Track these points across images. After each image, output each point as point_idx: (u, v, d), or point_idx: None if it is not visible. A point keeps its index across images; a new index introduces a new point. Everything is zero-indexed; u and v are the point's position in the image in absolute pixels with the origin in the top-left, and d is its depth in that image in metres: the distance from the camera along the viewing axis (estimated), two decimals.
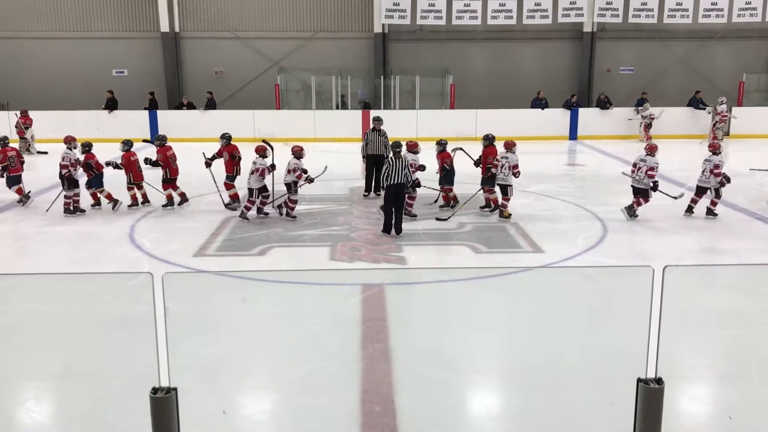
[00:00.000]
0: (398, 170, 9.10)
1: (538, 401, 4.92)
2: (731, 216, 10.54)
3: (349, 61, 22.29)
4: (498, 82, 22.72)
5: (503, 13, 21.55)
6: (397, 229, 9.28)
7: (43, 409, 4.97)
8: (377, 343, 5.76)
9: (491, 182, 10.50)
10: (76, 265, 8.19)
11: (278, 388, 5.22)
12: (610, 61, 23.19)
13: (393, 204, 9.21)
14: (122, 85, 21.80)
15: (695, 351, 5.79)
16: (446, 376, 5.25)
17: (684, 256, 8.54)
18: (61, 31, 22.27)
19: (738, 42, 22.89)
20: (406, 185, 9.29)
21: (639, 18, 21.78)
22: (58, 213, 10.70)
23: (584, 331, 6.14)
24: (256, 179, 10.09)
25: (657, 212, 10.66)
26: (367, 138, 12.33)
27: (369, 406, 4.69)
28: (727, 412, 4.76)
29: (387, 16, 21.54)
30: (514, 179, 10.25)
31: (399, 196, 9.23)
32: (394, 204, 9.21)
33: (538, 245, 8.95)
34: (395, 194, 9.16)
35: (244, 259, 8.47)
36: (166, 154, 11.14)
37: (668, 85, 22.58)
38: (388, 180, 9.09)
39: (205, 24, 22.41)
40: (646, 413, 3.19)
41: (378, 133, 12.18)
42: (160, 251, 8.73)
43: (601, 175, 14.61)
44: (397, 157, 9.23)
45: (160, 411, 3.14)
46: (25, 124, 18.22)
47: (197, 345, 5.66)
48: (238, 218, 10.21)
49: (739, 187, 12.79)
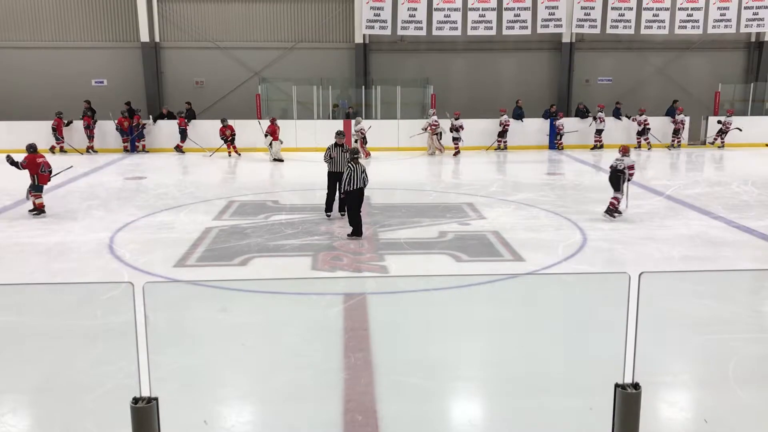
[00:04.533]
0: (357, 175, 9.63)
1: (519, 408, 4.96)
2: (708, 223, 10.70)
3: (331, 71, 22.35)
4: (478, 92, 22.91)
5: (483, 23, 21.75)
6: (358, 231, 9.78)
7: (22, 422, 4.91)
8: (359, 352, 5.76)
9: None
10: (55, 276, 8.11)
11: (260, 398, 5.20)
12: (588, 71, 23.50)
13: (359, 208, 9.75)
14: (101, 95, 21.68)
15: (672, 356, 5.86)
16: (428, 385, 5.27)
17: (662, 263, 8.65)
18: (39, 41, 22.11)
19: (713, 53, 23.31)
20: (363, 189, 9.79)
21: (617, 29, 22.12)
22: (35, 223, 10.62)
23: (564, 338, 6.19)
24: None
25: (636, 220, 10.80)
26: (330, 153, 11.07)
27: (351, 415, 4.69)
28: (704, 417, 4.83)
29: (368, 26, 21.66)
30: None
31: (361, 198, 9.82)
32: (358, 204, 9.76)
33: (518, 254, 9.01)
34: (358, 198, 9.73)
35: (225, 269, 8.44)
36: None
37: (646, 95, 22.91)
38: (350, 185, 9.58)
39: (186, 34, 22.36)
40: (623, 418, 3.23)
41: (341, 148, 11.00)
42: (140, 262, 8.67)
43: (580, 184, 14.76)
44: (356, 164, 9.71)
45: (141, 421, 3.12)
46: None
47: (177, 355, 5.63)
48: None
49: (715, 195, 13.03)
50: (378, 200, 12.41)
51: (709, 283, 7.69)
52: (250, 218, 11.09)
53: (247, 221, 10.86)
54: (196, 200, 12.64)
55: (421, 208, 12.20)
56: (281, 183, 15.61)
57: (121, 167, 17.34)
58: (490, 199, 12.66)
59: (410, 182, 15.17)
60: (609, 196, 10.91)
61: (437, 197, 13.32)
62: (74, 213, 11.52)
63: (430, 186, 15.00)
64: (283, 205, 12.34)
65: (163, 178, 15.39)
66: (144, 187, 14.29)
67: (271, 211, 11.69)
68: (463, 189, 14.04)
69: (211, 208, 11.90)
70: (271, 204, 12.34)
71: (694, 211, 11.58)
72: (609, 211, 10.79)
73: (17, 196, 12.71)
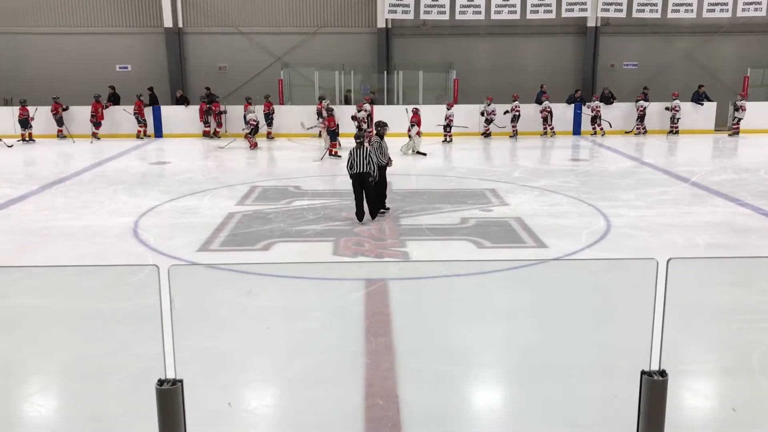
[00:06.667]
0: (360, 160, 9.58)
1: (542, 394, 4.93)
2: (735, 210, 10.53)
3: (353, 57, 22.28)
4: (501, 77, 22.69)
5: (507, 7, 21.52)
6: (372, 214, 9.85)
7: (49, 402, 4.99)
8: (380, 337, 5.77)
9: None
10: (81, 259, 8.21)
11: (282, 382, 5.24)
12: (613, 56, 23.15)
13: (360, 192, 9.72)
14: (125, 81, 21.83)
15: (696, 344, 5.79)
16: (450, 370, 5.26)
17: (686, 250, 8.53)
18: (64, 27, 22.30)
19: (742, 36, 22.83)
20: (369, 174, 9.68)
21: (643, 13, 21.75)
22: (61, 208, 10.78)
23: (588, 325, 6.14)
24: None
25: (661, 207, 10.67)
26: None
27: (372, 399, 4.71)
28: (730, 405, 4.77)
29: (390, 11, 21.53)
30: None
31: (363, 183, 9.69)
32: (361, 192, 9.71)
33: (541, 240, 8.95)
34: (360, 183, 9.67)
35: (248, 253, 8.49)
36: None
37: (672, 80, 22.53)
38: (352, 170, 9.63)
39: (209, 19, 22.42)
40: (649, 405, 3.20)
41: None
42: (164, 246, 8.76)
43: (604, 171, 14.60)
44: (359, 148, 9.70)
45: (167, 403, 3.16)
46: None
47: (201, 338, 5.69)
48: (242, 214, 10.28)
49: (743, 182, 12.81)
50: (399, 186, 12.39)
51: (734, 271, 7.59)
52: (272, 203, 11.14)
53: (269, 206, 10.91)
54: (219, 185, 12.71)
55: (443, 194, 12.16)
56: (304, 169, 15.62)
57: (144, 152, 17.49)
58: (512, 185, 12.58)
59: (431, 168, 15.11)
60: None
61: (459, 183, 13.26)
62: (100, 197, 11.65)
63: (451, 172, 14.93)
64: (305, 190, 12.37)
65: (186, 163, 15.50)
66: (168, 171, 14.41)
67: (293, 196, 11.73)
68: (486, 175, 13.95)
69: (234, 193, 11.96)
70: (293, 189, 12.38)
71: (720, 198, 11.40)
72: None
73: (44, 180, 12.91)
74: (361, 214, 9.77)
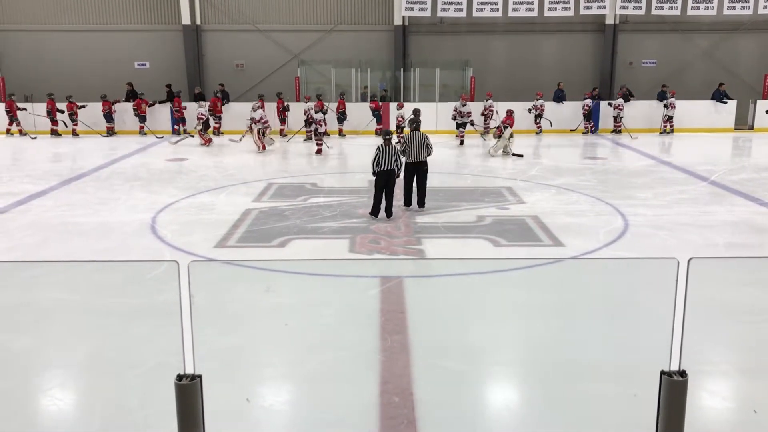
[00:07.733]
0: (388, 157, 9.62)
1: (560, 394, 4.91)
2: (755, 210, 10.41)
3: (370, 54, 22.27)
4: (518, 75, 22.59)
5: (524, 4, 21.41)
6: (387, 212, 9.85)
7: (68, 396, 5.04)
8: (396, 334, 5.77)
9: None
10: (99, 255, 8.28)
11: (298, 378, 5.25)
12: (632, 53, 22.95)
13: (383, 189, 9.74)
14: (144, 78, 21.98)
15: (716, 344, 5.73)
16: (465, 369, 5.25)
17: (705, 249, 8.45)
18: (83, 24, 22.49)
19: (764, 34, 22.54)
20: (395, 172, 9.76)
21: (662, 10, 21.55)
22: (79, 204, 10.88)
23: (605, 324, 6.11)
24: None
25: (679, 206, 10.57)
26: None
27: (388, 397, 4.71)
28: (751, 407, 4.72)
29: (407, 8, 21.49)
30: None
31: (389, 181, 9.72)
32: (385, 189, 9.74)
33: (558, 239, 8.90)
34: (385, 180, 9.68)
35: (264, 250, 8.52)
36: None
37: (691, 78, 22.33)
38: (379, 166, 9.63)
39: (226, 17, 22.51)
40: (669, 406, 3.17)
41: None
42: (181, 242, 8.81)
43: (623, 169, 14.49)
44: (387, 145, 9.70)
45: (185, 398, 3.18)
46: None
47: (218, 334, 5.72)
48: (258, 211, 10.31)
49: (762, 180, 12.67)
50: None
51: (754, 271, 7.50)
52: (288, 200, 11.17)
53: (285, 203, 10.94)
54: (236, 182, 12.77)
55: (459, 191, 12.13)
56: (319, 167, 15.64)
57: (162, 148, 17.59)
58: (529, 184, 12.52)
59: (448, 165, 15.07)
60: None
61: (475, 181, 13.22)
62: (117, 194, 11.75)
63: (468, 170, 14.89)
64: (321, 187, 12.39)
65: (203, 160, 15.58)
66: (185, 168, 14.49)
67: (309, 193, 11.75)
68: (502, 173, 13.90)
69: (250, 189, 12.01)
70: (309, 186, 12.40)
71: (740, 197, 11.28)
72: None
73: (63, 177, 13.04)
74: (377, 210, 9.82)
